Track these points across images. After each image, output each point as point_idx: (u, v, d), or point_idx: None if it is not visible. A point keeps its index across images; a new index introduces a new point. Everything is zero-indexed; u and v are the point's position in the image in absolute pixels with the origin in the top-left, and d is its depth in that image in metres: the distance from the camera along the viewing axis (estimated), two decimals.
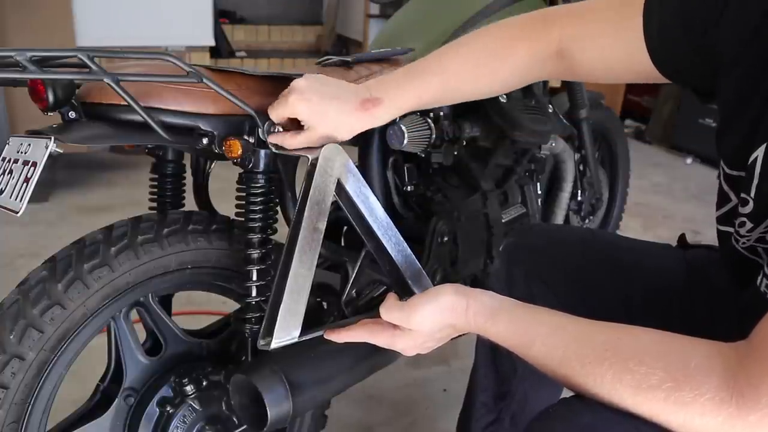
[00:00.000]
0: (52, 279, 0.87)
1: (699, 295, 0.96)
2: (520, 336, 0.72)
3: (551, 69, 0.91)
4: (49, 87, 0.78)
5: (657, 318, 0.95)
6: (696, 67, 0.78)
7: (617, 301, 0.99)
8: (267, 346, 0.77)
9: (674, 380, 0.59)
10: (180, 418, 1.03)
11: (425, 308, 0.77)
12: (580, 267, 1.02)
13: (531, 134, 1.41)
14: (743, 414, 0.56)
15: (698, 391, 0.58)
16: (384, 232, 0.87)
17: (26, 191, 0.77)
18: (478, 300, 0.77)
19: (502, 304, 0.76)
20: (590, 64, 0.86)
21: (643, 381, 0.61)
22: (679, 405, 0.59)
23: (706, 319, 0.93)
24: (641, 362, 0.62)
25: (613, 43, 0.83)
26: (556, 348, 0.69)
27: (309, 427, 1.19)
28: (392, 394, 1.70)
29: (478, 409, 1.15)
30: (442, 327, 0.78)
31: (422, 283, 0.89)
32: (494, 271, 1.12)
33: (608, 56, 0.84)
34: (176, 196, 1.11)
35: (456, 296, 0.77)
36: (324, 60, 1.20)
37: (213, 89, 0.84)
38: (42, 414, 0.91)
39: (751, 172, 0.73)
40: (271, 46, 5.07)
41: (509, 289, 1.06)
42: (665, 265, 1.01)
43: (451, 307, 0.77)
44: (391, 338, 0.80)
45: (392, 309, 0.79)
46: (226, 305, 1.16)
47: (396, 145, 1.25)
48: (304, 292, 0.79)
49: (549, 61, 0.89)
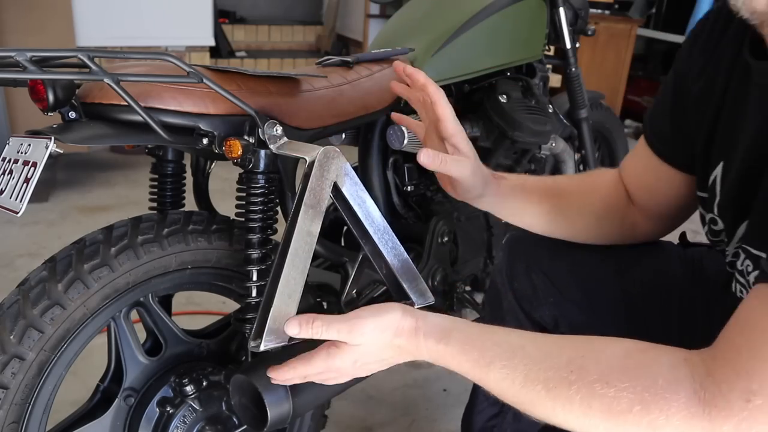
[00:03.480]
0: (52, 279, 0.87)
1: (697, 293, 0.96)
2: (477, 357, 0.68)
3: (633, 210, 0.99)
4: (49, 87, 0.78)
5: (655, 313, 0.98)
6: (683, 137, 0.86)
7: (617, 296, 1.00)
8: (257, 347, 0.76)
9: (642, 402, 0.58)
10: (180, 419, 1.03)
11: (367, 322, 0.72)
12: (581, 261, 1.02)
13: (531, 134, 1.41)
14: (717, 426, 0.55)
15: (669, 411, 0.56)
16: (380, 236, 0.86)
17: (26, 191, 0.77)
18: (428, 321, 0.72)
19: (455, 324, 0.72)
20: (635, 185, 0.97)
21: (613, 405, 0.59)
22: (652, 429, 0.57)
23: (704, 317, 0.94)
24: (608, 384, 0.60)
25: (636, 163, 0.96)
26: (517, 370, 0.65)
27: (309, 427, 1.19)
28: (392, 394, 1.70)
29: (481, 402, 1.16)
30: (383, 347, 0.73)
31: (419, 288, 0.89)
32: (497, 264, 1.12)
33: (639, 174, 0.96)
34: (176, 196, 1.10)
35: (403, 316, 0.72)
36: (324, 60, 1.20)
37: (213, 89, 0.84)
38: (42, 414, 0.91)
39: (713, 190, 0.78)
40: (271, 46, 5.06)
41: (511, 282, 1.07)
42: (665, 261, 1.02)
43: (396, 327, 0.72)
44: (328, 359, 0.73)
45: (333, 321, 0.72)
46: (226, 305, 1.16)
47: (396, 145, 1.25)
48: (295, 294, 0.78)
49: (626, 206, 0.98)
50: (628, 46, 4.20)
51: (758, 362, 0.55)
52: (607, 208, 0.99)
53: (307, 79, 1.07)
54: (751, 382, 0.54)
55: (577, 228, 0.99)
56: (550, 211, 0.98)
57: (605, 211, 0.99)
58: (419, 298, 0.89)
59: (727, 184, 0.76)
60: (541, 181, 1.02)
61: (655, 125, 0.92)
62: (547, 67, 1.64)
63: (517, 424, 1.14)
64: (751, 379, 0.54)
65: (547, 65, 1.65)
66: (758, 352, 0.55)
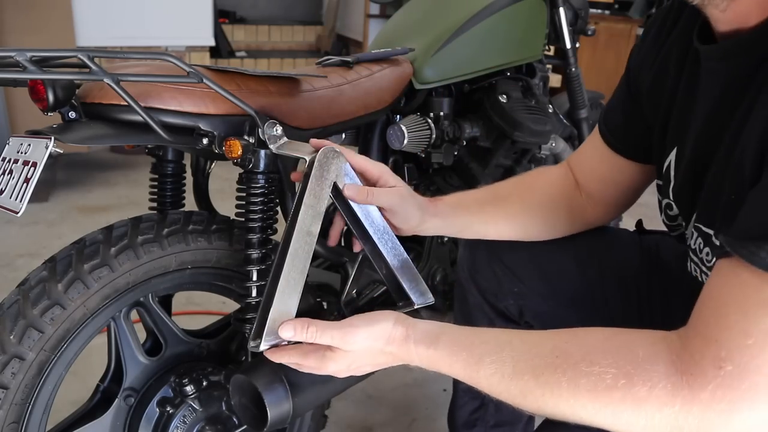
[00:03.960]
0: (52, 279, 0.87)
1: (654, 278, 1.00)
2: (466, 357, 0.70)
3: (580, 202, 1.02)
4: (49, 87, 0.78)
5: (616, 299, 1.01)
6: (635, 128, 0.91)
7: (578, 283, 1.03)
8: (256, 348, 0.76)
9: (626, 375, 0.60)
10: (180, 419, 1.03)
11: (361, 331, 0.74)
12: (541, 250, 1.04)
13: (531, 134, 1.41)
14: (696, 393, 0.57)
15: (650, 382, 0.59)
16: (380, 237, 0.86)
17: (26, 191, 0.77)
18: (417, 329, 0.74)
19: (443, 329, 0.74)
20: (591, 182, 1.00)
21: (599, 382, 0.61)
22: (637, 402, 0.59)
23: (662, 300, 0.98)
24: (592, 362, 0.62)
25: (591, 152, 1.00)
26: (505, 363, 0.67)
27: (309, 427, 1.19)
28: (392, 394, 1.70)
29: (461, 396, 1.19)
30: (375, 353, 0.75)
31: (419, 288, 0.89)
32: (459, 260, 1.13)
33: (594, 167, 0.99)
34: (176, 196, 1.10)
35: (394, 325, 0.74)
36: (324, 60, 1.20)
37: (213, 89, 0.84)
38: (42, 414, 0.91)
39: (668, 176, 0.81)
40: (271, 46, 5.06)
41: (474, 277, 1.10)
42: (623, 248, 1.05)
43: (387, 336, 0.74)
44: (321, 360, 0.75)
45: (327, 328, 0.74)
46: (226, 305, 1.16)
47: (396, 145, 1.25)
48: (295, 294, 0.78)
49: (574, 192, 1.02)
50: (628, 46, 4.20)
51: (724, 331, 0.57)
52: (552, 199, 1.01)
53: (307, 79, 1.07)
54: (720, 349, 0.57)
55: (526, 226, 1.01)
56: (493, 216, 1.00)
57: (552, 202, 1.01)
58: (419, 298, 0.89)
59: (681, 169, 0.79)
60: (477, 192, 1.03)
61: (609, 120, 0.96)
62: (547, 67, 1.64)
63: (499, 414, 1.17)
64: (720, 347, 0.57)
65: (547, 65, 1.65)
66: (724, 320, 0.57)
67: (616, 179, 0.97)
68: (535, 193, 1.02)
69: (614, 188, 0.98)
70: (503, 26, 1.40)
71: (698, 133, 0.74)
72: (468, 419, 1.19)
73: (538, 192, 1.02)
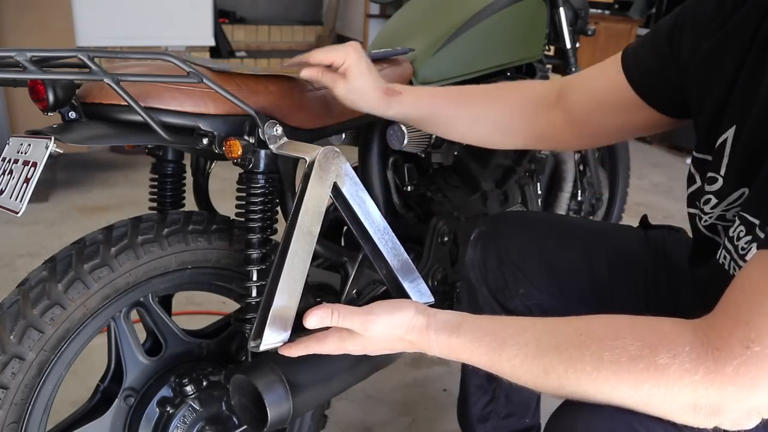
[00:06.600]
0: (52, 279, 0.87)
1: (661, 273, 1.01)
2: (489, 341, 0.70)
3: (554, 115, 1.02)
4: (49, 87, 0.77)
5: (623, 295, 1.02)
6: (665, 80, 0.89)
7: (586, 281, 1.04)
8: (257, 348, 0.76)
9: (651, 346, 0.61)
10: (180, 419, 1.03)
11: (380, 319, 0.75)
12: (550, 250, 1.05)
13: None
14: (720, 367, 0.57)
15: (675, 351, 0.59)
16: (380, 237, 0.86)
17: (26, 191, 0.77)
18: (438, 318, 0.75)
19: (464, 318, 0.75)
20: (582, 100, 0.99)
21: (623, 353, 0.61)
22: (659, 371, 0.59)
23: (669, 295, 0.99)
24: (617, 337, 0.63)
25: (599, 75, 0.99)
26: (528, 344, 0.67)
27: (309, 427, 1.19)
28: (392, 394, 1.70)
29: (474, 392, 1.19)
30: (395, 340, 0.76)
31: (419, 288, 0.89)
32: (469, 260, 1.14)
33: (595, 88, 0.98)
34: (176, 196, 1.10)
35: (416, 314, 0.76)
36: None
37: (213, 89, 0.84)
38: (42, 414, 0.91)
39: (721, 152, 0.79)
40: (270, 46, 5.06)
41: (485, 277, 1.11)
42: (628, 245, 1.06)
43: (408, 325, 0.75)
44: (341, 342, 0.77)
45: (350, 314, 0.75)
46: (226, 305, 1.16)
47: (396, 145, 1.25)
48: (295, 294, 0.78)
49: (552, 104, 1.02)
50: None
51: (757, 315, 0.58)
52: (522, 102, 1.04)
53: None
54: (750, 330, 0.57)
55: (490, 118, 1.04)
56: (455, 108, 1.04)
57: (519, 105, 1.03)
58: (419, 298, 0.89)
59: (739, 148, 0.77)
60: (447, 89, 1.08)
61: (639, 59, 0.93)
62: (547, 67, 1.64)
63: (509, 406, 1.19)
64: (750, 329, 0.57)
65: (547, 65, 1.65)
66: (757, 307, 0.58)
67: (613, 109, 0.95)
68: (502, 94, 1.05)
69: (605, 117, 0.97)
70: (503, 26, 1.40)
71: (759, 117, 0.73)
72: (482, 414, 1.19)
73: (506, 93, 1.05)
